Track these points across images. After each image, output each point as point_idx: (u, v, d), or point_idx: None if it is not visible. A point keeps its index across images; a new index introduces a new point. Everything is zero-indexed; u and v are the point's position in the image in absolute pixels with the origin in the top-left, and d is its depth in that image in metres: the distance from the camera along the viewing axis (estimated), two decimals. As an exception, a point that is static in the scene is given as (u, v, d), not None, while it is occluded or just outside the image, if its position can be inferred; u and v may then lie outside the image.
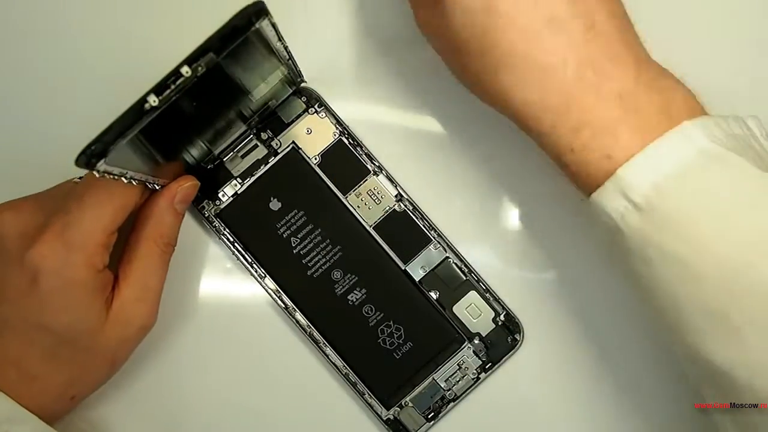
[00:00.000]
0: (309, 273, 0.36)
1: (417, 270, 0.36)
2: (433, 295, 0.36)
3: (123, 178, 0.28)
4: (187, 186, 0.33)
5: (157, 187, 0.32)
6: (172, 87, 0.24)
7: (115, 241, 0.31)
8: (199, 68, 0.24)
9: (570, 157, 0.28)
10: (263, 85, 0.33)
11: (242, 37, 0.25)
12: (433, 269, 0.36)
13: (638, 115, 0.26)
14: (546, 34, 0.27)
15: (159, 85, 0.24)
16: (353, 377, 0.36)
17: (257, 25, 0.25)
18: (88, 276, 0.30)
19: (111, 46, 0.37)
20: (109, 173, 0.26)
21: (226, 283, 0.37)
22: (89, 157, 0.24)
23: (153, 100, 0.24)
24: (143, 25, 0.38)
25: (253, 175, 0.36)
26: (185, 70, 0.24)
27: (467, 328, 0.36)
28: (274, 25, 0.27)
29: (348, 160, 0.36)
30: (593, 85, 0.27)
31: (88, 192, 0.30)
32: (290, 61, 0.31)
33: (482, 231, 0.37)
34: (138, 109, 0.24)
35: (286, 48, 0.30)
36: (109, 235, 0.30)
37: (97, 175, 0.26)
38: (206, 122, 0.34)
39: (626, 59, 0.27)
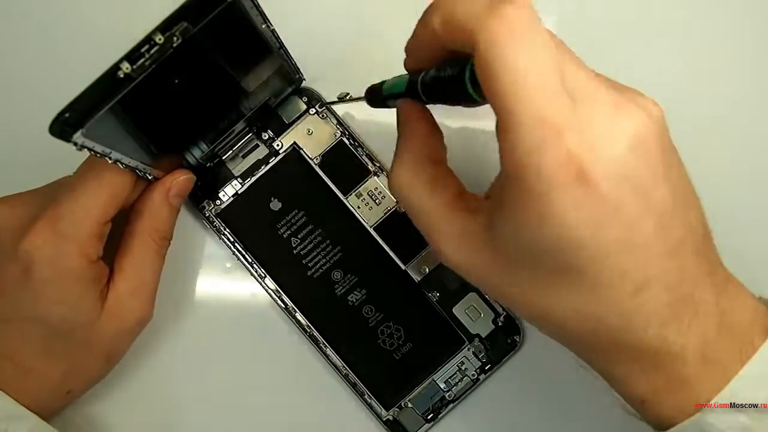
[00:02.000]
0: (309, 273, 0.36)
1: (417, 271, 0.36)
2: (433, 296, 0.36)
3: (107, 158, 0.27)
4: (182, 179, 0.33)
5: (150, 177, 0.32)
6: (147, 56, 0.24)
7: (109, 232, 0.31)
8: (175, 38, 0.24)
9: (642, 386, 0.25)
10: (258, 77, 0.33)
11: (218, 8, 0.24)
12: (433, 270, 0.36)
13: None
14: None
15: (132, 53, 0.23)
16: (353, 378, 0.36)
17: None
18: (81, 266, 0.30)
19: (110, 42, 0.37)
20: (90, 149, 0.26)
21: (226, 283, 0.37)
22: (62, 125, 0.24)
23: (126, 68, 0.23)
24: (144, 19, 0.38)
25: (254, 175, 0.36)
26: (158, 38, 0.23)
27: (467, 329, 0.36)
28: (254, 2, 0.26)
29: (349, 161, 0.37)
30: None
31: (79, 182, 0.30)
32: (282, 50, 0.31)
33: (482, 232, 0.37)
34: (111, 76, 0.23)
35: (273, 32, 0.29)
36: (101, 224, 0.30)
37: (75, 148, 0.25)
38: (204, 118, 0.34)
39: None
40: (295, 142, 0.37)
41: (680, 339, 0.24)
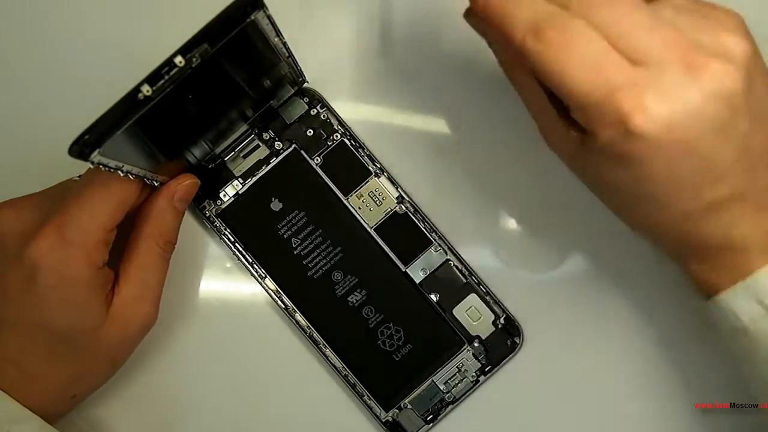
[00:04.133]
0: (309, 274, 0.36)
1: (417, 272, 0.36)
2: (434, 297, 0.36)
3: (119, 172, 0.27)
4: (186, 184, 0.33)
5: (156, 184, 0.32)
6: (166, 77, 0.24)
7: (115, 238, 0.31)
8: (194, 59, 0.24)
9: (698, 266, 0.29)
10: (264, 82, 0.33)
11: (237, 28, 0.25)
12: (433, 272, 0.36)
13: None
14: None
15: (152, 75, 0.24)
16: (352, 378, 0.36)
17: (253, 17, 0.25)
18: (87, 273, 0.30)
19: (115, 46, 0.38)
20: (105, 165, 0.26)
21: (226, 283, 0.37)
22: (82, 146, 0.24)
23: (146, 90, 0.24)
24: (147, 24, 0.38)
25: (255, 176, 0.36)
26: (179, 60, 0.24)
27: (467, 330, 0.36)
28: (270, 18, 0.26)
29: (350, 162, 0.37)
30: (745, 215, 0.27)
31: (86, 189, 0.30)
32: (290, 58, 0.31)
33: (483, 233, 0.37)
34: (131, 98, 0.24)
35: (285, 44, 0.29)
36: (107, 231, 0.30)
37: (92, 167, 0.25)
38: (207, 121, 0.34)
39: None
40: (296, 143, 0.37)
41: (746, 233, 0.27)
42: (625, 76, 0.24)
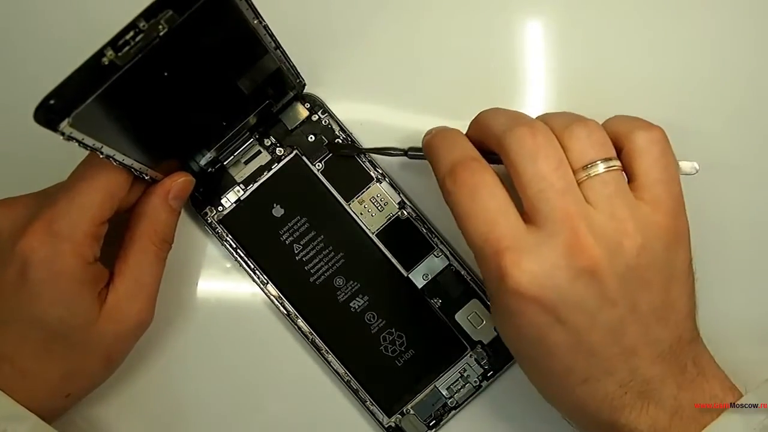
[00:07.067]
0: (311, 280, 0.36)
1: (419, 277, 0.36)
2: (436, 302, 0.36)
3: (99, 153, 0.27)
4: (181, 181, 0.33)
5: (146, 177, 0.32)
6: (132, 43, 0.23)
7: (106, 232, 0.31)
8: (160, 26, 0.23)
9: None
10: (257, 78, 0.33)
11: None
12: (435, 277, 0.36)
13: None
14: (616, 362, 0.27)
15: (115, 38, 0.23)
16: (355, 384, 0.36)
17: None
18: (77, 267, 0.30)
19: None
20: (79, 141, 0.25)
21: (227, 287, 0.37)
22: (47, 112, 0.23)
23: (110, 54, 0.23)
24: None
25: (256, 182, 0.37)
26: (142, 24, 0.23)
27: (469, 336, 0.36)
28: None
29: (351, 167, 0.37)
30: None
31: (75, 183, 0.30)
32: (279, 50, 0.31)
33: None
34: (95, 63, 0.23)
35: (267, 29, 0.29)
36: (97, 225, 0.30)
37: (62, 138, 0.25)
38: (206, 124, 0.34)
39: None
40: (297, 149, 0.37)
41: (631, 423, 0.27)
42: (514, 240, 0.26)
